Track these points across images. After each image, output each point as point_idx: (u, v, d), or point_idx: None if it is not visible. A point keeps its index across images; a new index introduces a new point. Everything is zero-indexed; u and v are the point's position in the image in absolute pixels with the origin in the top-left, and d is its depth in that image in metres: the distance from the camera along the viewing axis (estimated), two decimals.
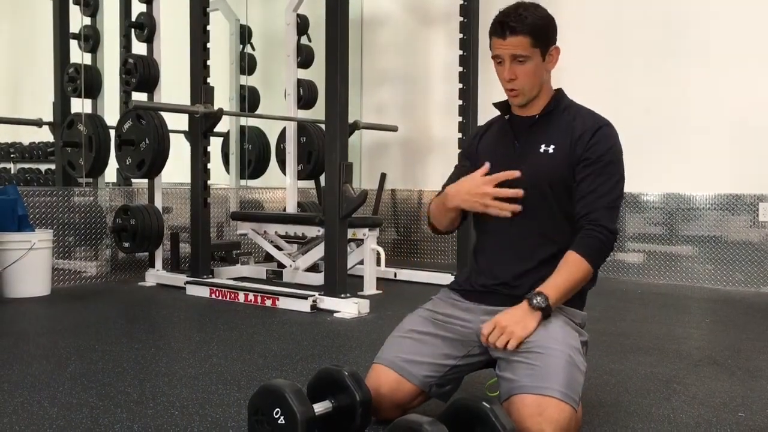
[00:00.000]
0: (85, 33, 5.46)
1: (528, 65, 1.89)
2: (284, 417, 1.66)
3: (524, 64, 1.89)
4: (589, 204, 1.86)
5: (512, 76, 1.90)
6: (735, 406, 2.21)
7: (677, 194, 5.01)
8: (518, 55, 1.88)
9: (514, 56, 1.88)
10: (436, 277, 4.79)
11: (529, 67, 1.89)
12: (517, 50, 1.87)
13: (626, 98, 5.10)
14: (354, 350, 2.96)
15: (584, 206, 1.87)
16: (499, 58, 1.92)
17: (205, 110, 4.45)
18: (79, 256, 4.86)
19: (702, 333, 3.39)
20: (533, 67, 1.90)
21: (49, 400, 2.19)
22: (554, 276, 1.82)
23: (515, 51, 1.87)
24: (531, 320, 1.78)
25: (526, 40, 1.87)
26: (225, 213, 5.68)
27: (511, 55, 1.88)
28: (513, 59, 1.89)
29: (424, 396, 1.94)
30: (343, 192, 3.87)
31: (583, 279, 1.85)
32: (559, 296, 1.81)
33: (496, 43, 1.91)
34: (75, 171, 5.13)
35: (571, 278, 1.83)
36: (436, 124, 6.21)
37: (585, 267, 1.83)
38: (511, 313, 1.80)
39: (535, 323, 1.78)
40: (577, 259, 1.83)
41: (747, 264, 4.73)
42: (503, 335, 1.77)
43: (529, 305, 1.79)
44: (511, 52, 1.88)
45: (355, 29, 6.32)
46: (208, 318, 3.69)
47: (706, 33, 4.86)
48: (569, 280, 1.82)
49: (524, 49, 1.87)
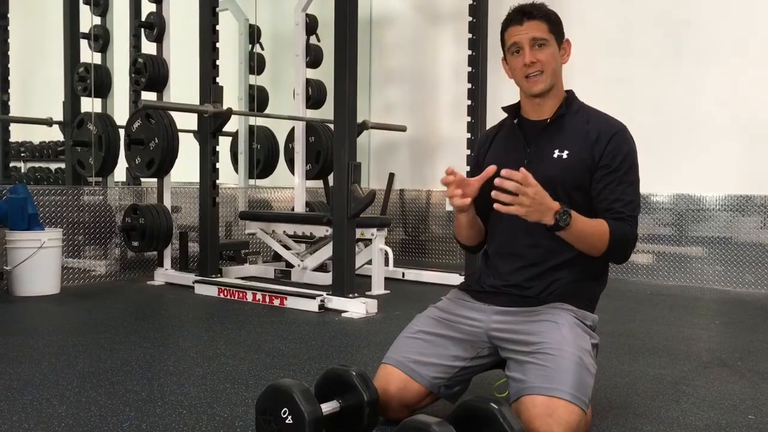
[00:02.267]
0: (95, 33, 5.49)
1: (547, 49, 1.89)
2: (292, 416, 1.66)
3: (543, 48, 1.89)
4: (616, 212, 1.85)
5: (533, 59, 1.88)
6: (745, 409, 2.20)
7: (687, 195, 4.98)
8: (538, 38, 1.88)
9: (534, 40, 1.88)
10: (444, 278, 4.79)
11: (548, 50, 1.89)
12: (536, 33, 1.88)
13: (636, 99, 5.08)
14: (362, 350, 2.95)
15: (611, 213, 1.85)
16: (516, 46, 1.90)
17: (214, 110, 4.45)
18: (88, 255, 4.88)
19: (711, 335, 3.37)
20: (552, 51, 1.90)
21: (58, 398, 2.20)
22: (584, 217, 1.78)
23: (535, 34, 1.88)
24: (547, 218, 1.70)
25: (544, 25, 1.89)
26: (233, 212, 5.69)
27: (531, 38, 1.88)
28: (533, 44, 1.88)
29: (432, 397, 1.93)
30: (351, 192, 3.87)
31: (596, 244, 1.81)
32: (578, 232, 1.76)
33: (514, 31, 1.90)
34: (85, 170, 5.15)
35: (592, 231, 1.79)
36: (445, 124, 6.21)
37: (606, 237, 1.80)
38: (541, 200, 1.67)
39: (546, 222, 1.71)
40: (605, 226, 1.81)
41: (757, 265, 4.70)
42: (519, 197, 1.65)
43: (555, 215, 1.70)
44: (531, 35, 1.88)
45: (364, 29, 6.33)
46: (216, 317, 3.69)
47: (716, 33, 4.83)
48: (588, 232, 1.79)
49: (543, 33, 1.88)
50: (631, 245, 1.86)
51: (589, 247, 1.83)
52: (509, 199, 1.65)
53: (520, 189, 1.64)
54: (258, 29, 6.26)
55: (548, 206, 1.69)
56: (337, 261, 3.96)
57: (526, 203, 1.65)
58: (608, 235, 1.81)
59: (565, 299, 1.88)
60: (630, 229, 1.85)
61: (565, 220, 1.71)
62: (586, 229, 1.78)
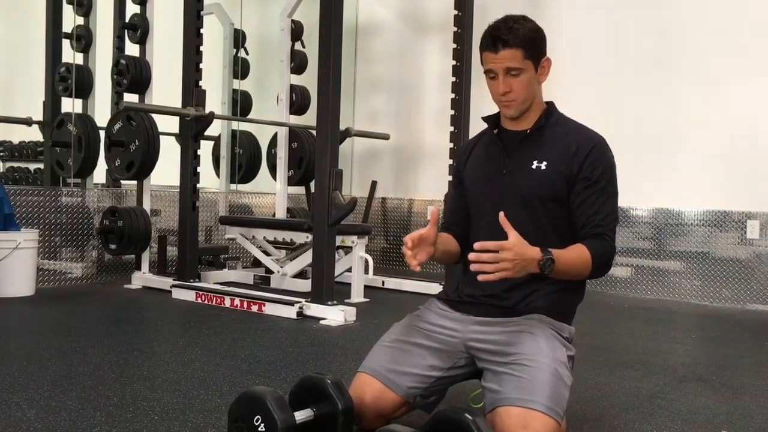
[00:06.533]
0: (77, 33, 5.43)
1: (522, 77, 1.87)
2: (264, 424, 1.64)
3: (518, 76, 1.87)
4: (594, 225, 1.86)
5: (507, 89, 1.88)
6: (718, 423, 2.21)
7: (666, 209, 5.02)
8: (512, 68, 1.86)
9: (508, 69, 1.86)
10: (424, 287, 4.78)
11: (523, 79, 1.88)
12: (510, 63, 1.85)
13: (617, 113, 5.11)
14: (339, 358, 2.94)
15: (590, 227, 1.86)
16: (492, 73, 1.89)
17: (197, 113, 4.43)
18: (65, 257, 4.82)
19: (687, 349, 3.39)
20: (527, 79, 1.88)
21: (28, 402, 2.16)
22: (564, 251, 1.79)
23: (509, 64, 1.85)
24: (532, 269, 1.71)
25: (519, 53, 1.85)
26: (214, 217, 5.65)
27: (505, 68, 1.86)
28: (506, 72, 1.87)
29: (408, 406, 1.92)
30: (332, 199, 3.86)
31: (581, 272, 1.83)
32: (562, 270, 1.77)
33: (489, 58, 1.88)
34: (63, 171, 5.10)
35: (575, 263, 1.80)
36: (428, 133, 6.21)
37: (588, 263, 1.81)
38: (521, 257, 1.68)
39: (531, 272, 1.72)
40: (585, 252, 1.82)
41: (734, 281, 4.75)
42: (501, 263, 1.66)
43: (539, 264, 1.71)
44: (505, 65, 1.86)
45: (349, 36, 6.34)
46: (193, 322, 3.66)
47: (699, 50, 4.88)
48: (572, 265, 1.80)
49: (518, 62, 1.85)
50: (610, 261, 1.87)
51: (575, 276, 1.85)
52: (491, 268, 1.67)
53: (497, 257, 1.66)
54: (243, 34, 6.24)
55: (530, 258, 1.71)
56: (316, 268, 3.94)
57: (508, 267, 1.67)
58: (590, 260, 1.82)
59: (542, 311, 1.88)
60: (608, 245, 1.86)
61: (549, 267, 1.73)
62: (570, 263, 1.80)
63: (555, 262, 1.74)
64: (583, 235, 1.87)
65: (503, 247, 1.66)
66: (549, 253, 1.73)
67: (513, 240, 1.68)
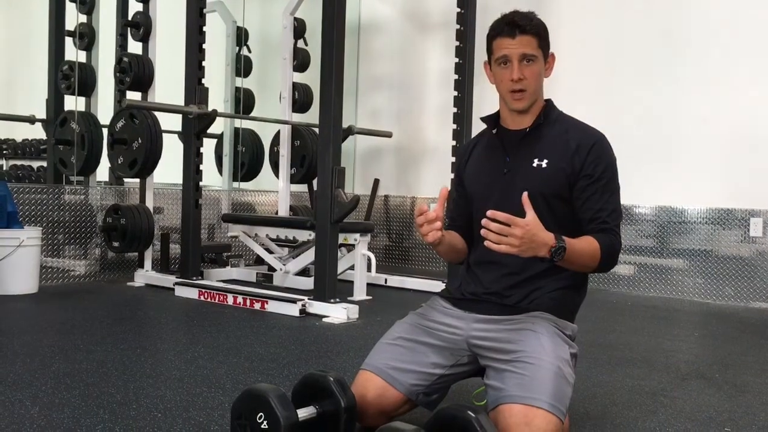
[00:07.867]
0: (80, 31, 5.43)
1: (535, 66, 1.88)
2: (267, 422, 1.65)
3: (531, 64, 1.87)
4: (601, 221, 1.86)
5: (521, 75, 1.86)
6: (722, 421, 2.21)
7: (669, 207, 5.02)
8: (528, 55, 1.86)
9: (524, 56, 1.86)
10: (427, 284, 4.78)
11: (535, 67, 1.88)
12: (527, 49, 1.85)
13: (620, 110, 5.11)
14: (341, 355, 2.94)
15: (597, 223, 1.86)
16: (505, 59, 1.88)
17: (199, 111, 4.43)
18: (68, 255, 4.82)
19: (690, 347, 3.39)
20: (539, 69, 1.89)
21: (31, 399, 2.17)
22: (576, 241, 1.78)
23: (525, 50, 1.85)
24: (541, 253, 1.70)
25: (535, 41, 1.86)
26: (216, 215, 5.66)
27: (521, 54, 1.86)
28: (522, 59, 1.86)
29: (410, 404, 1.92)
30: (335, 196, 3.86)
31: (589, 263, 1.82)
32: (572, 259, 1.76)
33: (504, 43, 1.87)
34: (66, 169, 5.10)
35: (585, 253, 1.80)
36: (431, 131, 6.21)
37: (597, 255, 1.81)
38: (532, 237, 1.66)
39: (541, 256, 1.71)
40: (595, 244, 1.81)
41: (737, 279, 4.74)
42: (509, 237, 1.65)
43: (551, 250, 1.70)
44: (521, 51, 1.85)
45: (351, 34, 6.32)
46: (195, 320, 3.66)
47: (702, 48, 4.87)
48: (583, 254, 1.79)
49: (533, 49, 1.86)
50: (617, 256, 1.87)
51: (582, 267, 1.85)
52: (497, 239, 1.66)
53: (505, 230, 1.65)
54: (246, 31, 6.24)
55: (542, 242, 1.69)
56: (319, 266, 3.94)
57: (514, 243, 1.66)
58: (599, 252, 1.82)
59: (545, 308, 1.88)
60: (615, 239, 1.86)
61: (560, 254, 1.72)
62: (581, 253, 1.79)
63: (567, 250, 1.73)
64: (590, 231, 1.87)
65: (515, 223, 1.65)
66: (562, 241, 1.72)
67: (529, 219, 1.67)
